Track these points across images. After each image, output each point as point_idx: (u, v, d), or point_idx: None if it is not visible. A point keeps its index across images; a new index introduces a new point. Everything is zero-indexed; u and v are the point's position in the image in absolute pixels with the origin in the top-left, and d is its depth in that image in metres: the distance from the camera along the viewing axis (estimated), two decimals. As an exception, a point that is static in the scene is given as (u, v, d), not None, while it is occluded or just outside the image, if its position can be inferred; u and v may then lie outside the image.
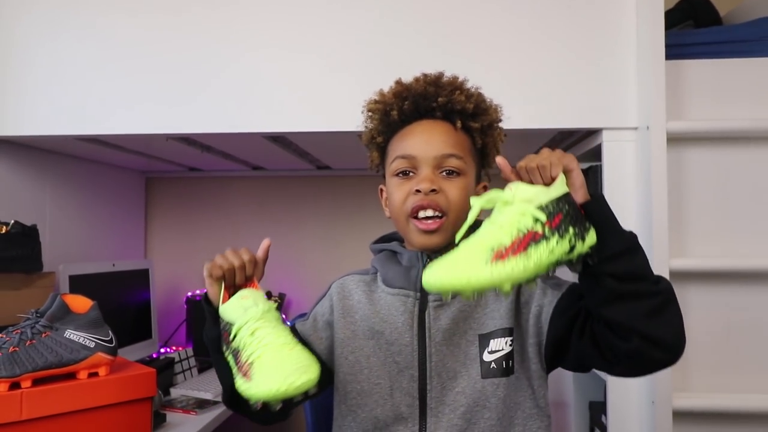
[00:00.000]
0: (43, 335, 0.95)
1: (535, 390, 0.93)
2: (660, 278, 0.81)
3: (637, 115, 1.36)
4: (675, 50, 1.38)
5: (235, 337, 0.83)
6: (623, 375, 0.90)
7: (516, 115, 1.41)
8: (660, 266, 1.29)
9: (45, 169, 1.73)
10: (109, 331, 1.01)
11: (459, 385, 0.92)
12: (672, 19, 1.64)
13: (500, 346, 0.92)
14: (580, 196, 0.79)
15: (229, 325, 0.85)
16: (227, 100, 1.44)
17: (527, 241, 0.72)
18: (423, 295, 0.94)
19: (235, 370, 0.82)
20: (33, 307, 1.03)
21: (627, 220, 1.37)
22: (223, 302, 0.88)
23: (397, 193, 0.93)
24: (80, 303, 1.01)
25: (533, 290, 0.92)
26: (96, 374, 1.00)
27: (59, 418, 0.94)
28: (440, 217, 0.90)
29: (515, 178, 0.81)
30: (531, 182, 0.79)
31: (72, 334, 0.97)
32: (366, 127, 1.00)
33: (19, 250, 1.37)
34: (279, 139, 1.70)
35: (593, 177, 1.51)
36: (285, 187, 2.38)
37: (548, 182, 0.78)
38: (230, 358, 0.85)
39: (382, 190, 1.01)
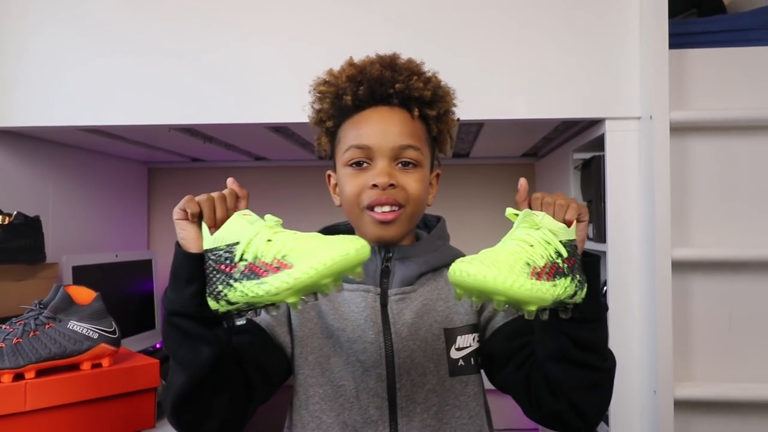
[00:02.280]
0: (47, 326, 0.96)
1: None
2: (609, 354, 0.83)
3: (640, 105, 1.35)
4: (678, 39, 1.37)
5: (243, 255, 0.70)
6: (535, 420, 0.89)
7: (519, 105, 1.41)
8: (662, 256, 1.28)
9: (48, 160, 1.74)
10: (113, 322, 1.02)
11: (429, 382, 0.88)
12: (675, 7, 1.62)
13: (467, 342, 0.90)
14: (579, 250, 0.80)
15: (231, 247, 0.72)
16: (230, 90, 1.44)
17: (554, 270, 0.72)
18: (383, 289, 0.90)
19: (254, 282, 0.68)
20: (36, 298, 1.03)
21: (629, 210, 1.37)
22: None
23: (351, 185, 0.87)
24: (83, 294, 1.02)
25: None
26: (99, 365, 1.00)
27: (63, 408, 0.95)
28: (398, 209, 0.86)
29: (525, 205, 0.81)
30: None
31: (75, 325, 0.98)
32: (313, 107, 0.93)
33: (22, 241, 1.37)
34: (281, 130, 1.70)
35: (596, 167, 1.50)
36: (288, 177, 2.38)
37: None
38: (238, 286, 0.70)
39: (330, 176, 0.96)
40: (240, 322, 0.76)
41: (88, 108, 1.46)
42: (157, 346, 2.01)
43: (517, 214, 0.78)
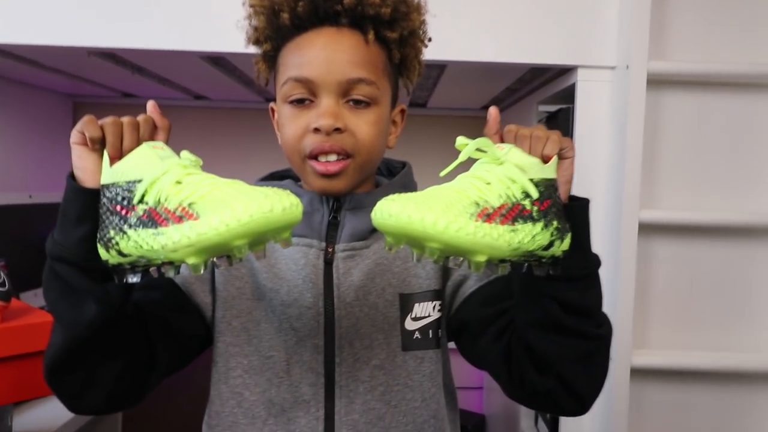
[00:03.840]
0: None
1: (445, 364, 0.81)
2: (604, 320, 0.71)
3: (616, 53, 1.24)
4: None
5: (144, 196, 0.58)
6: (518, 400, 0.77)
7: (485, 46, 1.28)
8: (629, 218, 1.20)
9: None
10: (1, 273, 0.85)
11: (376, 357, 0.75)
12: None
13: (426, 311, 0.76)
14: (564, 192, 0.67)
15: (132, 184, 0.58)
16: (159, 12, 1.24)
17: (515, 212, 0.58)
18: (329, 244, 0.76)
19: (149, 232, 0.55)
20: None
21: (596, 168, 1.28)
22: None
23: (291, 126, 0.73)
24: (-36, 238, 0.85)
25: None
26: (-16, 323, 0.85)
27: (-65, 374, 0.79)
28: (345, 158, 0.72)
29: (497, 140, 0.67)
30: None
31: (-47, 276, 0.81)
32: (249, 23, 0.77)
33: None
34: (221, 63, 1.52)
35: (564, 120, 1.40)
36: (230, 119, 2.20)
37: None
38: (132, 234, 0.57)
39: (273, 109, 0.81)
40: (133, 279, 0.61)
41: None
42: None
43: (467, 144, 0.63)
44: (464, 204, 0.56)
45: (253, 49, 1.25)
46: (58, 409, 1.04)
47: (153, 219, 0.56)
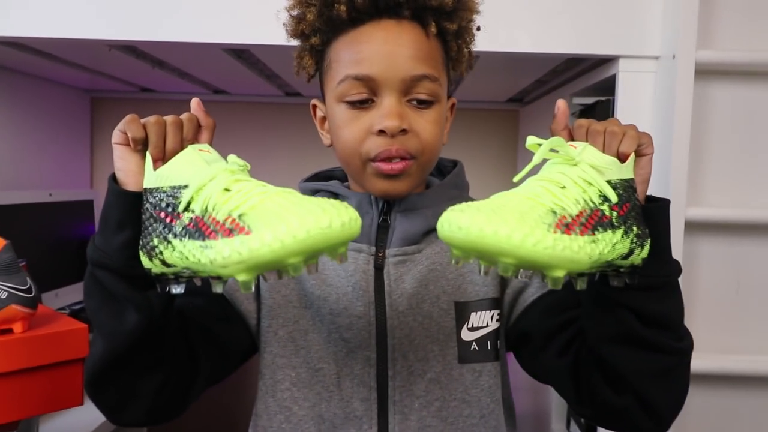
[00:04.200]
0: (-62, 283, 0.76)
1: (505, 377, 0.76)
2: (685, 332, 0.65)
3: (660, 42, 1.18)
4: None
5: (190, 203, 0.54)
6: (586, 417, 0.72)
7: (521, 36, 1.22)
8: (675, 217, 1.14)
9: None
10: (27, 278, 0.82)
11: (432, 370, 0.70)
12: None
13: (484, 321, 0.72)
14: (641, 192, 0.62)
15: (177, 190, 0.55)
16: (184, 4, 1.20)
17: (595, 219, 0.53)
18: (379, 249, 0.72)
19: (197, 244, 0.52)
20: None
21: (639, 163, 1.22)
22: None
23: (350, 129, 0.68)
24: (-12, 243, 0.81)
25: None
26: (10, 331, 0.81)
27: (-39, 385, 0.76)
28: (408, 159, 0.68)
29: (566, 136, 0.63)
30: None
31: (-23, 282, 0.77)
32: (291, 14, 0.72)
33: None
34: (243, 56, 1.47)
35: (602, 113, 1.34)
36: (250, 113, 2.16)
37: (612, 156, 0.60)
38: (178, 244, 0.53)
39: (315, 107, 0.76)
40: (177, 290, 0.57)
41: (9, 16, 1.20)
42: (100, 296, 1.82)
43: (540, 144, 0.58)
44: (540, 213, 0.51)
45: (280, 41, 1.21)
46: (84, 417, 1.01)
47: (200, 229, 0.52)
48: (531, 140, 0.59)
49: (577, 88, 1.48)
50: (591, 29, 1.19)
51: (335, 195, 0.77)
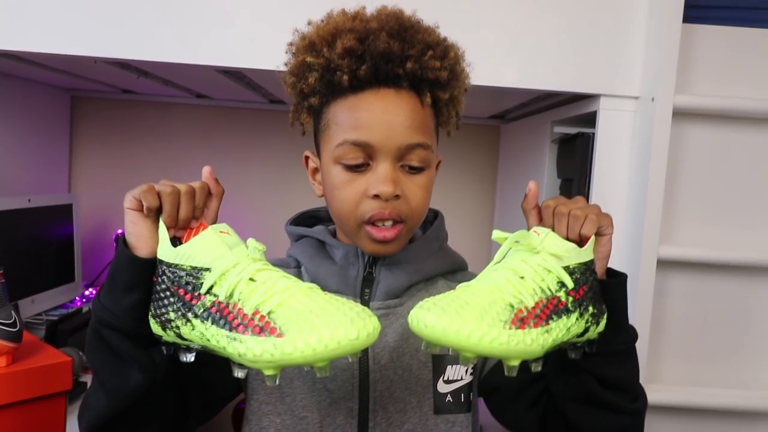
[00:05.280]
0: (-77, 319, 0.75)
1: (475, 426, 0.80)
2: (640, 393, 0.71)
3: (641, 84, 1.22)
4: (690, 11, 1.23)
5: (212, 287, 0.57)
6: None
7: (507, 72, 1.24)
8: (648, 254, 1.19)
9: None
10: (12, 312, 0.82)
11: (409, 420, 0.74)
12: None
13: (458, 374, 0.76)
14: (600, 268, 0.67)
15: (198, 271, 0.57)
16: (173, 24, 1.20)
17: (550, 308, 0.58)
18: (364, 301, 0.75)
19: (223, 333, 0.55)
20: None
21: (616, 199, 1.26)
22: (185, 241, 0.60)
23: (345, 190, 0.70)
24: (-26, 276, 0.81)
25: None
26: (-5, 365, 0.81)
27: (-55, 421, 0.76)
28: (399, 223, 0.71)
29: (535, 216, 0.68)
30: (553, 227, 0.66)
31: (-38, 317, 0.78)
32: (291, 72, 0.73)
33: None
34: (230, 72, 1.47)
35: (582, 146, 1.38)
36: (233, 119, 2.15)
37: (574, 238, 0.65)
38: (199, 325, 0.56)
39: (308, 158, 0.78)
40: (187, 358, 0.60)
41: (5, 30, 1.18)
42: (77, 302, 1.81)
43: (506, 238, 0.63)
44: (499, 309, 0.56)
45: (268, 63, 1.21)
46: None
47: (224, 317, 0.55)
48: (496, 234, 0.63)
49: (559, 116, 1.52)
50: (574, 67, 1.23)
51: (321, 242, 0.79)
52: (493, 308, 0.56)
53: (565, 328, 0.59)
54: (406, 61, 0.68)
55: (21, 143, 1.77)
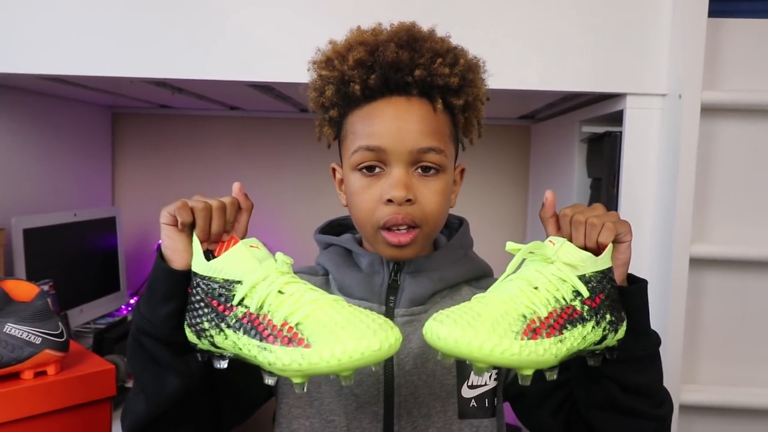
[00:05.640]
0: (-21, 331, 0.81)
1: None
2: (665, 398, 0.71)
3: (667, 81, 1.21)
4: (714, 6, 1.21)
5: (243, 299, 0.60)
6: None
7: (530, 73, 1.25)
8: (680, 253, 1.17)
9: (-5, 106, 1.52)
10: (59, 323, 0.87)
11: (433, 425, 0.75)
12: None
13: (482, 380, 0.77)
14: (620, 275, 0.67)
15: (230, 284, 0.60)
16: (205, 42, 1.24)
17: (564, 318, 0.59)
18: (389, 308, 0.77)
19: (254, 342, 0.58)
20: None
21: (645, 198, 1.25)
22: (217, 254, 0.64)
23: (362, 196, 0.73)
24: (23, 290, 0.86)
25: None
26: (44, 373, 0.86)
27: (1, 427, 0.81)
28: (414, 228, 0.73)
29: (553, 224, 0.69)
30: (570, 235, 0.66)
31: (13, 329, 0.83)
32: (313, 88, 0.78)
33: (-40, 208, 1.20)
34: (260, 85, 1.52)
35: (609, 146, 1.37)
36: (265, 129, 2.20)
37: (592, 246, 0.65)
38: (231, 334, 0.59)
39: (335, 170, 0.82)
40: (221, 365, 0.63)
41: (48, 55, 1.25)
42: (123, 311, 1.88)
43: (519, 249, 0.63)
44: (511, 320, 0.57)
45: (296, 76, 1.25)
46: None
47: (255, 327, 0.58)
48: (510, 245, 0.64)
49: (587, 115, 1.51)
50: (599, 67, 1.22)
51: (348, 251, 0.81)
52: (506, 319, 0.57)
53: (580, 337, 0.60)
54: (415, 69, 0.71)
55: (66, 160, 1.86)
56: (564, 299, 0.60)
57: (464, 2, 1.22)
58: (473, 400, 0.76)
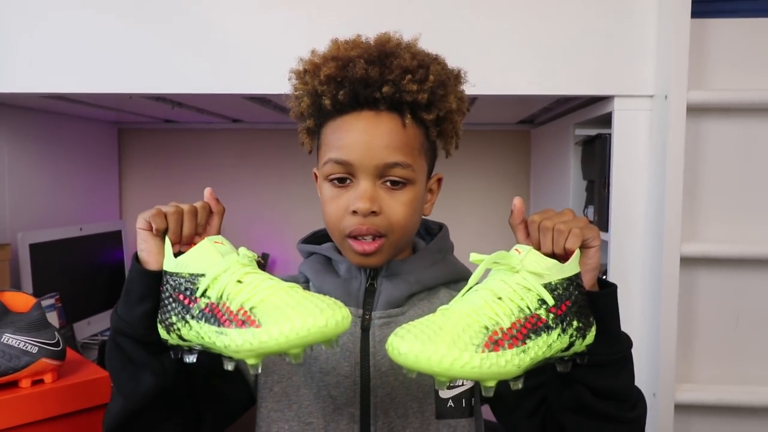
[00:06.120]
0: (-23, 341, 0.84)
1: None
2: (637, 399, 0.71)
3: (654, 82, 1.21)
4: (698, 6, 1.22)
5: (206, 290, 0.62)
6: None
7: (517, 78, 1.26)
8: (670, 252, 1.18)
9: (0, 125, 1.57)
10: (55, 333, 0.90)
11: (410, 425, 0.76)
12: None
13: (459, 380, 0.77)
14: (589, 280, 0.67)
15: (195, 278, 0.63)
16: (201, 58, 1.27)
17: (528, 328, 0.59)
18: (366, 311, 0.78)
19: (212, 329, 0.60)
20: None
21: (636, 198, 1.25)
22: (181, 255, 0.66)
23: (331, 205, 0.76)
24: (20, 301, 0.89)
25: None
26: (41, 382, 0.89)
27: (-1, 434, 0.84)
28: (380, 237, 0.75)
29: (522, 231, 0.69)
30: (539, 242, 0.67)
31: (11, 339, 0.86)
32: (295, 98, 0.80)
33: (-34, 224, 1.23)
34: (256, 98, 1.55)
35: (600, 148, 1.38)
36: (267, 139, 2.24)
37: (559, 252, 0.66)
38: (194, 325, 0.62)
39: (316, 175, 0.83)
40: (190, 359, 0.66)
41: (51, 74, 1.29)
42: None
43: (482, 259, 0.63)
44: (473, 332, 0.57)
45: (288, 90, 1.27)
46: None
47: (215, 315, 0.61)
48: (474, 256, 0.65)
49: (581, 119, 1.52)
50: (585, 70, 1.23)
51: (328, 258, 0.83)
52: (467, 332, 0.57)
53: (545, 346, 0.60)
54: (384, 85, 0.72)
55: (73, 176, 1.90)
56: (528, 308, 0.60)
57: (454, 10, 1.24)
58: (450, 401, 0.77)
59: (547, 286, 0.62)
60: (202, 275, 0.63)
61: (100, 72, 1.29)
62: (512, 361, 0.57)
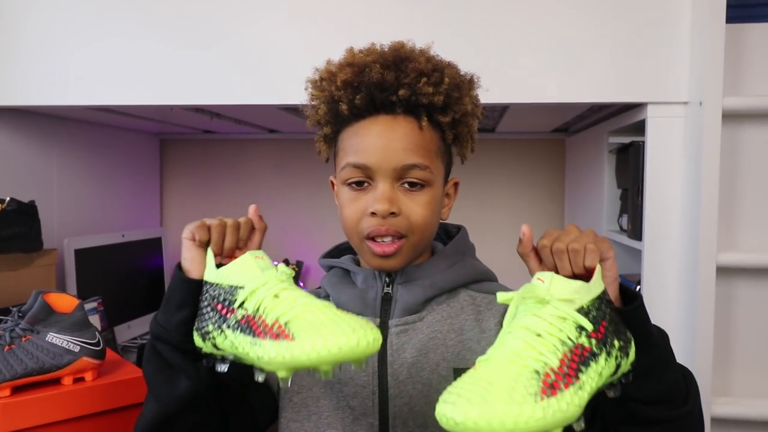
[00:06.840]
0: (23, 339, 0.89)
1: None
2: (688, 389, 0.68)
3: (688, 89, 1.20)
4: (734, 11, 1.20)
5: (244, 302, 0.64)
6: None
7: (548, 87, 1.26)
8: (706, 261, 1.15)
9: (50, 136, 1.64)
10: (96, 333, 0.94)
11: None
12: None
13: None
14: (613, 291, 0.65)
15: (234, 289, 0.65)
16: (238, 70, 1.32)
17: (576, 361, 0.56)
18: (383, 320, 0.78)
19: (247, 339, 0.61)
20: (35, 287, 0.98)
21: (670, 207, 1.23)
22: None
23: (350, 208, 0.77)
24: (64, 302, 0.94)
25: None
26: (82, 379, 0.93)
27: (43, 429, 0.88)
28: (399, 238, 0.75)
29: (534, 258, 0.68)
30: (555, 266, 0.65)
31: (55, 338, 0.90)
32: (312, 106, 0.82)
33: (15, 229, 1.30)
34: (292, 108, 1.59)
35: (634, 156, 1.36)
36: (303, 149, 2.28)
37: (579, 272, 0.64)
38: (230, 334, 0.63)
39: (333, 182, 0.84)
40: (222, 368, 0.68)
41: (97, 88, 1.35)
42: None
43: (512, 297, 0.61)
44: (525, 381, 0.53)
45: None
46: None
47: (250, 326, 0.63)
48: (501, 296, 0.63)
49: (615, 126, 1.50)
50: (617, 77, 1.23)
51: (347, 271, 0.85)
52: (519, 382, 0.52)
53: (596, 375, 0.57)
54: (400, 88, 0.73)
55: (117, 185, 1.98)
56: (570, 339, 0.57)
57: (482, 16, 1.25)
58: None
59: (581, 311, 0.59)
60: (241, 287, 0.65)
61: (143, 85, 1.34)
62: (573, 402, 0.53)
